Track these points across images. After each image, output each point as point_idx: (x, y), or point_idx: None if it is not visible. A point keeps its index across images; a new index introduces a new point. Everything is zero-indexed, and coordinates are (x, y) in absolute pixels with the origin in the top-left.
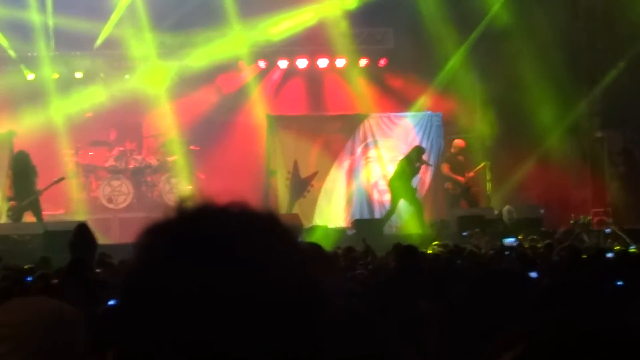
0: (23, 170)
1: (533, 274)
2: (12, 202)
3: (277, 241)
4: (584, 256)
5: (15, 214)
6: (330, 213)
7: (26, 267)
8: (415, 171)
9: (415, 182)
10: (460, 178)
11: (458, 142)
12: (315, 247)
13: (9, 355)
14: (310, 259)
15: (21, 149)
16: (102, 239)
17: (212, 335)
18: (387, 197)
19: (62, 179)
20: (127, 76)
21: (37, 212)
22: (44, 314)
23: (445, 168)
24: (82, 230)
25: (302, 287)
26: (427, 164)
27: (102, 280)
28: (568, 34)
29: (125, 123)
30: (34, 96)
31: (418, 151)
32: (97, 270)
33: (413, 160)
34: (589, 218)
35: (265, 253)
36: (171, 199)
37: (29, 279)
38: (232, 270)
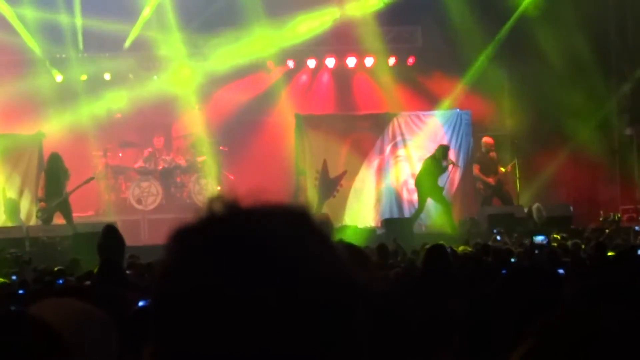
0: (54, 173)
1: (560, 271)
2: (42, 203)
3: (311, 239)
4: (612, 253)
5: (45, 214)
6: (360, 212)
7: (56, 269)
8: (442, 170)
9: (443, 180)
10: (489, 180)
11: (486, 140)
12: (350, 246)
13: None
14: (345, 257)
15: (54, 151)
16: (131, 240)
17: (248, 335)
18: (416, 196)
19: (91, 179)
20: (155, 77)
21: (67, 214)
22: (74, 315)
23: (475, 169)
24: (110, 232)
25: (340, 285)
26: (455, 164)
27: (132, 281)
28: (597, 31)
29: (154, 124)
30: (63, 98)
31: (443, 150)
32: (127, 272)
33: (439, 159)
34: (618, 215)
35: (299, 251)
36: (200, 200)
37: (60, 281)
38: (265, 269)
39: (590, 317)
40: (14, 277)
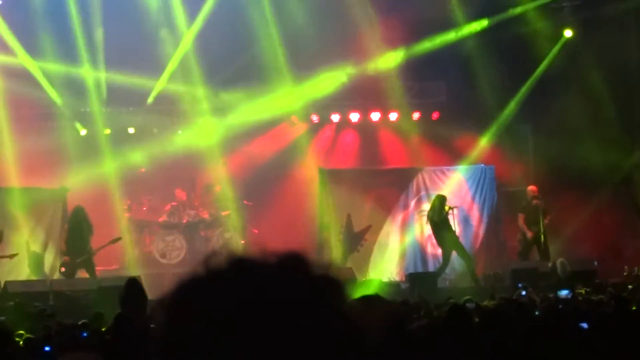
0: (78, 226)
1: (583, 325)
2: (66, 258)
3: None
4: (634, 308)
5: (69, 270)
6: (384, 267)
7: (80, 322)
8: (445, 220)
9: (470, 235)
10: (529, 233)
11: (531, 188)
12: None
13: None
14: (348, 307)
15: (78, 205)
16: (155, 294)
17: None
18: (440, 251)
19: (118, 239)
20: (179, 131)
21: (91, 270)
22: None
23: (520, 219)
24: (132, 286)
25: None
26: (453, 208)
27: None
28: (620, 84)
29: (178, 178)
30: (87, 151)
31: (440, 200)
32: (152, 326)
33: (437, 209)
34: None
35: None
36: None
37: (84, 334)
38: (259, 328)
39: None
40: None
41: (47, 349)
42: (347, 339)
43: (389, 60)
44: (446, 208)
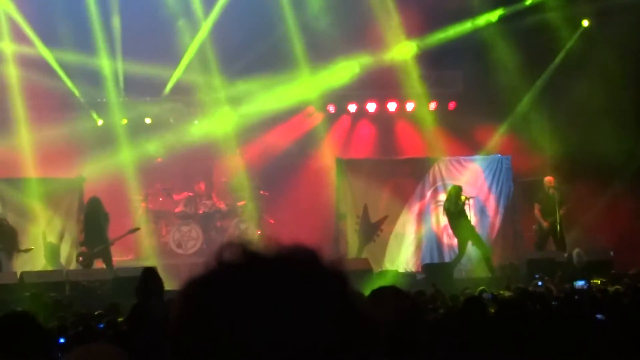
0: (95, 217)
1: (598, 316)
2: (83, 248)
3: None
4: None
5: (86, 260)
6: (400, 257)
7: (96, 313)
8: (462, 210)
9: (486, 225)
10: (545, 223)
11: (548, 179)
12: (393, 289)
13: None
14: (357, 302)
15: (94, 195)
16: (171, 284)
17: None
18: (456, 241)
19: (137, 229)
20: (196, 121)
21: (108, 260)
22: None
23: (536, 209)
24: (148, 275)
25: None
26: (469, 198)
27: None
28: (637, 74)
29: (194, 168)
30: (104, 142)
31: (455, 190)
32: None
33: (453, 200)
34: None
35: (303, 305)
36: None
37: (101, 325)
38: (269, 321)
39: None
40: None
41: (61, 340)
42: (356, 334)
43: (406, 49)
44: (462, 198)
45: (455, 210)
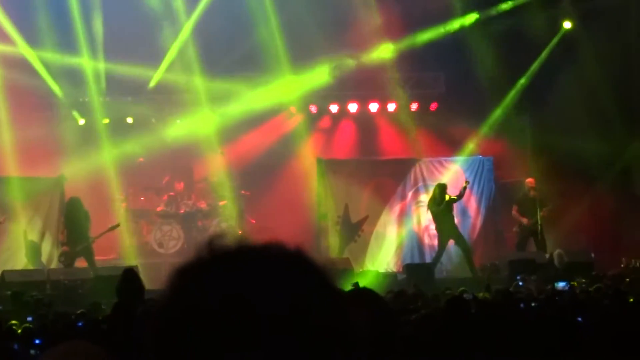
0: (75, 216)
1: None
2: (65, 247)
3: (305, 285)
4: (631, 300)
5: (68, 259)
6: (381, 257)
7: (78, 312)
8: (445, 209)
9: (468, 226)
10: (524, 219)
11: (529, 180)
12: (369, 292)
13: None
14: (341, 299)
15: (73, 195)
16: (152, 284)
17: None
18: (437, 240)
19: (117, 225)
20: (178, 121)
21: (90, 259)
22: (100, 357)
23: (514, 209)
24: (128, 275)
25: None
26: (452, 197)
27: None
28: (619, 76)
29: (176, 168)
30: (85, 141)
31: (440, 189)
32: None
33: (437, 199)
34: None
35: (292, 297)
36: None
37: (80, 324)
38: (256, 313)
39: None
40: (29, 318)
41: (37, 341)
42: (347, 330)
43: (387, 50)
44: (446, 197)
45: (438, 210)
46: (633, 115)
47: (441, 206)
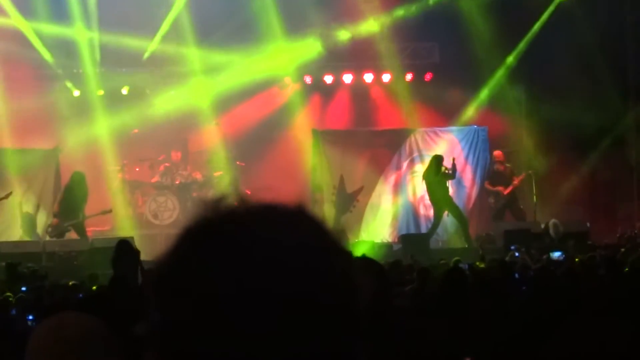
0: (74, 191)
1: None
2: (55, 220)
3: (316, 242)
4: (627, 269)
5: (55, 231)
6: (377, 228)
7: (71, 283)
8: (441, 180)
9: (463, 196)
10: (500, 188)
11: (496, 153)
12: (368, 260)
13: None
14: (347, 259)
15: (78, 170)
16: (148, 255)
17: (248, 339)
18: (432, 212)
19: (109, 211)
20: (172, 92)
21: (81, 233)
22: (94, 332)
23: (486, 184)
24: (123, 247)
25: (339, 292)
26: (449, 169)
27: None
28: (614, 47)
29: (171, 139)
30: (80, 112)
31: (436, 160)
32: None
33: (433, 170)
34: (635, 231)
35: (301, 255)
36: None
37: (81, 296)
38: (267, 270)
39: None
40: (23, 289)
41: (30, 317)
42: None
43: (382, 21)
44: (442, 168)
45: (434, 180)
46: (628, 85)
47: (437, 177)
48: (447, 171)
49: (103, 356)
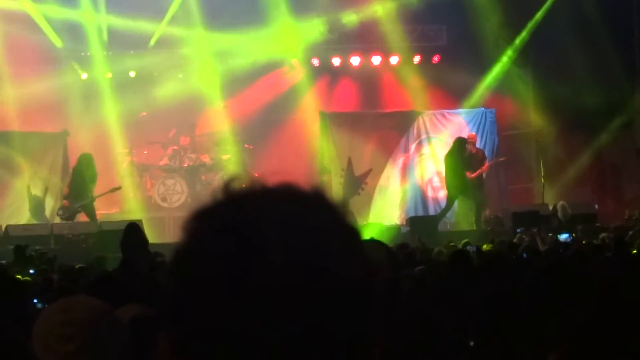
0: (83, 173)
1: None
2: (65, 202)
3: (329, 223)
4: (634, 251)
5: (66, 213)
6: (385, 210)
7: (78, 266)
8: (464, 162)
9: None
10: (467, 173)
11: (469, 135)
12: (376, 243)
13: (74, 354)
14: (361, 242)
15: (86, 152)
16: (156, 238)
17: (261, 320)
18: (441, 194)
19: (118, 188)
20: (180, 75)
21: (91, 215)
22: (102, 315)
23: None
24: (132, 230)
25: (355, 272)
26: (473, 153)
27: (154, 279)
28: (622, 29)
29: (179, 122)
30: (88, 95)
31: (460, 142)
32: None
33: (456, 153)
34: None
35: (314, 236)
36: None
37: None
38: (279, 253)
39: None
40: (31, 271)
41: (34, 300)
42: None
43: (390, 3)
44: (465, 152)
45: (454, 163)
46: (636, 67)
47: (458, 160)
48: (467, 155)
49: (110, 339)
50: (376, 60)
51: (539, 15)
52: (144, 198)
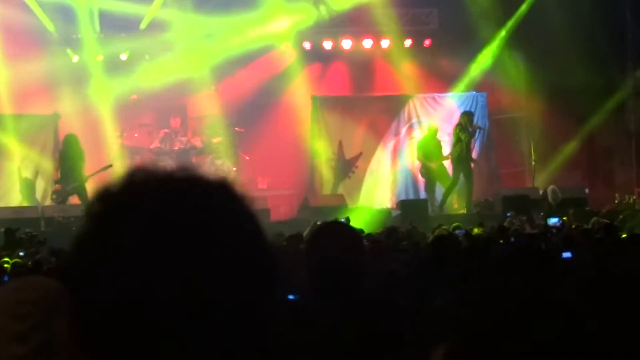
0: (70, 154)
1: (567, 254)
2: (57, 186)
3: (223, 207)
4: (624, 235)
5: (60, 197)
6: (375, 194)
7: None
8: (470, 136)
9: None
10: (431, 164)
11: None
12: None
13: (28, 334)
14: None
15: (70, 133)
16: None
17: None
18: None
19: (110, 166)
20: (171, 58)
21: (83, 197)
22: (57, 295)
23: (420, 156)
24: None
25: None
26: (480, 128)
27: None
28: (614, 12)
29: (170, 105)
30: (79, 78)
31: (468, 115)
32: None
33: (465, 126)
34: (633, 197)
35: (211, 219)
36: None
37: None
38: (171, 238)
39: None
40: (21, 254)
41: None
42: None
43: None
44: (474, 125)
45: (462, 136)
46: (626, 51)
47: (466, 132)
48: (474, 129)
49: (64, 320)
50: (367, 43)
51: None
52: None
